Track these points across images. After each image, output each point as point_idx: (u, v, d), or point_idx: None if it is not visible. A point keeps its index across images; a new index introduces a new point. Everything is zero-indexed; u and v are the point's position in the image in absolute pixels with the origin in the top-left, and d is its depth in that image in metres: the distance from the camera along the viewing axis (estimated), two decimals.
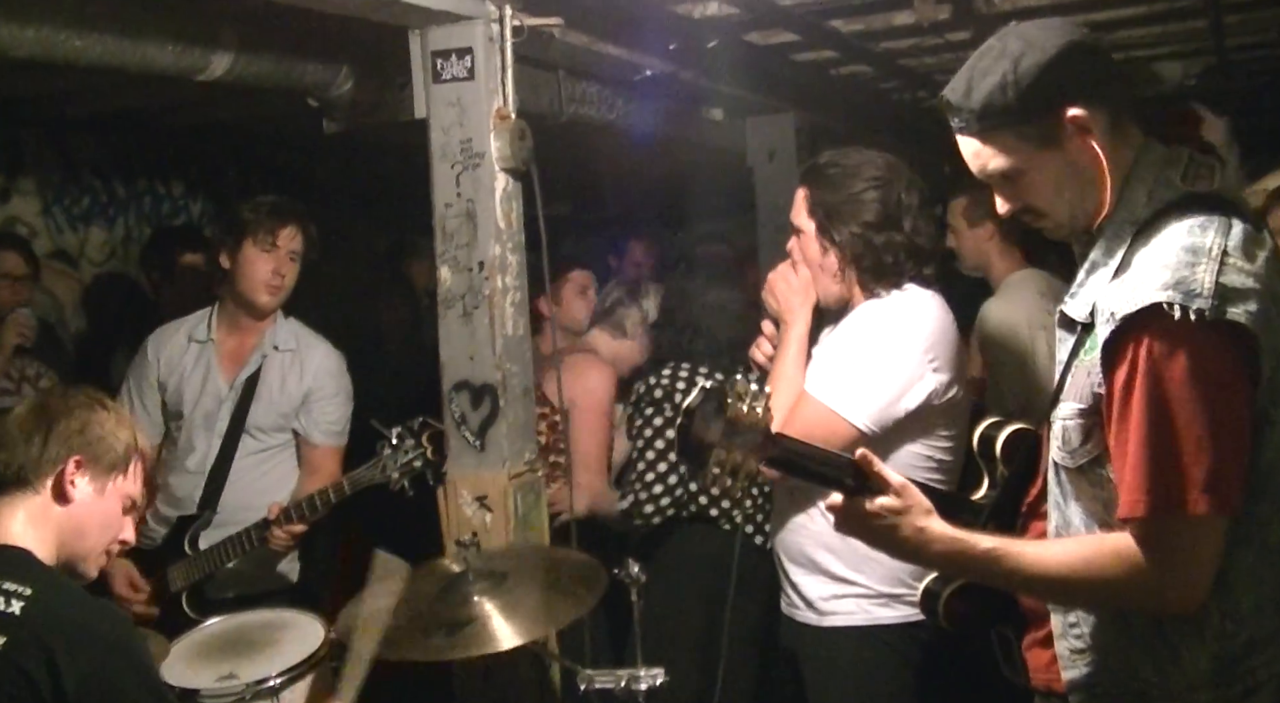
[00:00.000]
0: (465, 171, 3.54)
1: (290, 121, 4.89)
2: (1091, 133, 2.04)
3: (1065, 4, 4.51)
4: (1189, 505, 1.88)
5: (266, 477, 3.99)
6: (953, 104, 2.11)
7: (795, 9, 4.32)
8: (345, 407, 4.09)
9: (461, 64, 3.52)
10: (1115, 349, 1.94)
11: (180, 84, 3.71)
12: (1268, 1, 4.76)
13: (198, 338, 4.06)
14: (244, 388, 3.96)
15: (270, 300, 3.99)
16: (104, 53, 3.28)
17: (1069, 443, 2.08)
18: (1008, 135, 2.07)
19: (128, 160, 6.40)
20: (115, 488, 2.53)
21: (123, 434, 2.54)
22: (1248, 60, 6.12)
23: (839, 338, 3.10)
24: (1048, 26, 2.10)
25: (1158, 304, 1.88)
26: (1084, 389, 2.04)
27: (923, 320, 3.04)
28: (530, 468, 3.62)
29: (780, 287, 3.20)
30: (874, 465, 2.09)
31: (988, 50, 2.10)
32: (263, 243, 3.94)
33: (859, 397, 2.94)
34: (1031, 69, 2.02)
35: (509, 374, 3.56)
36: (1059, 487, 2.16)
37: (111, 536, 2.56)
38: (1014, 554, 2.05)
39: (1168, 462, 1.88)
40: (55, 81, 4.49)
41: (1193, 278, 1.89)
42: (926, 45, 5.12)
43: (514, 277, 3.60)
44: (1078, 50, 2.05)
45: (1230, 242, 1.94)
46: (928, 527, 2.08)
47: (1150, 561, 1.92)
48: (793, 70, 5.50)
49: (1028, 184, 2.11)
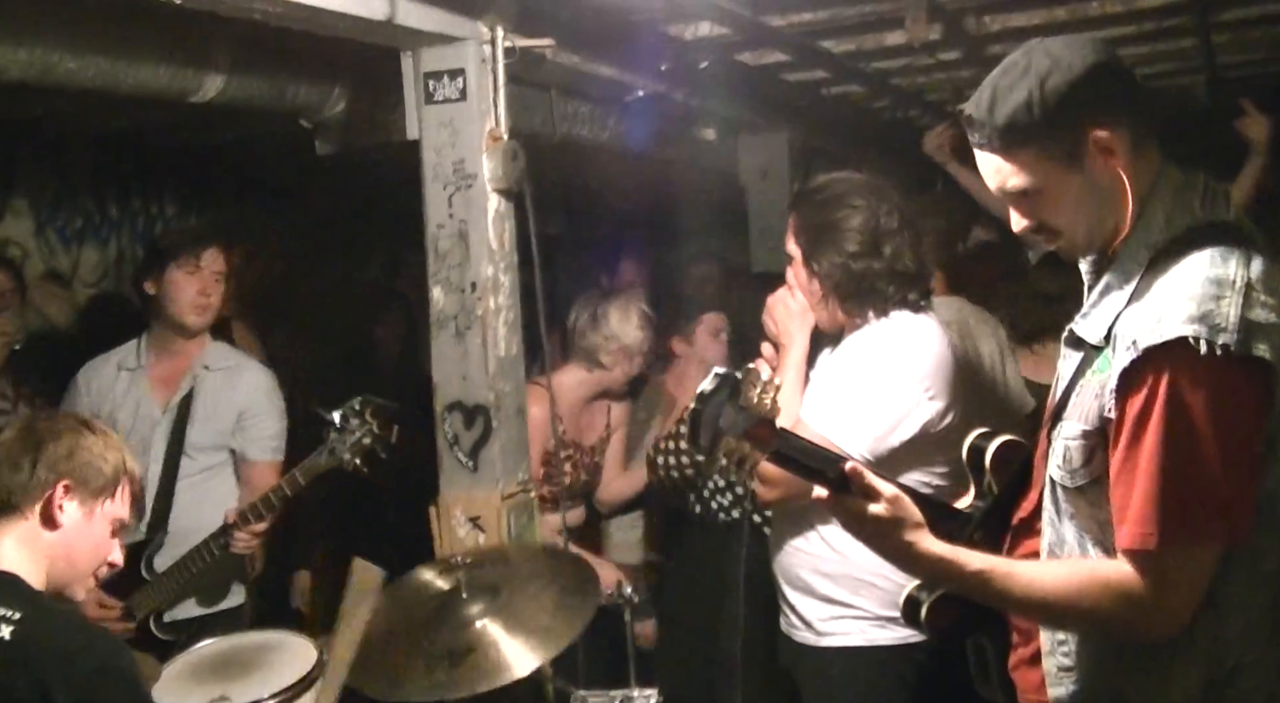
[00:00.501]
0: (458, 192, 3.55)
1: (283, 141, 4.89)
2: (1115, 154, 2.03)
3: (1054, 24, 4.53)
4: (1201, 539, 1.88)
5: (209, 496, 4.02)
6: (975, 119, 2.09)
7: (786, 29, 4.33)
8: (280, 422, 4.15)
9: (454, 85, 3.53)
10: (1133, 378, 1.92)
11: (173, 105, 3.72)
12: (1257, 21, 4.79)
13: (127, 366, 4.11)
14: (179, 410, 4.02)
15: (199, 320, 4.05)
16: (97, 74, 3.29)
17: (1070, 462, 2.07)
18: (1030, 153, 2.05)
19: (121, 181, 6.38)
20: (104, 512, 2.52)
21: (111, 457, 2.53)
22: (1238, 79, 6.14)
23: (834, 366, 3.10)
24: (1074, 44, 2.07)
25: (1183, 338, 1.87)
26: (1091, 411, 2.02)
27: (917, 348, 3.04)
28: (523, 488, 3.62)
29: (779, 311, 3.21)
30: (864, 478, 2.09)
31: (1012, 66, 2.07)
32: (186, 265, 3.99)
33: (854, 427, 2.94)
34: (1058, 87, 2.00)
35: (502, 395, 3.56)
36: (1054, 504, 2.14)
37: (100, 558, 2.55)
38: (1005, 576, 2.04)
39: (1182, 496, 1.87)
40: (48, 102, 4.49)
41: (1218, 312, 1.87)
42: (918, 65, 5.14)
43: (507, 297, 3.61)
44: (1104, 70, 2.03)
45: (1253, 274, 1.92)
46: (918, 541, 2.07)
47: (1147, 592, 1.91)
48: (785, 90, 5.52)
49: (1046, 202, 2.09)
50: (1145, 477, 1.90)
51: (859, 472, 2.09)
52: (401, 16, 3.24)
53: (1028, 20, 4.50)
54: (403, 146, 3.67)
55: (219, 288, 4.08)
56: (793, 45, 4.55)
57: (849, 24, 4.44)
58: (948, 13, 4.24)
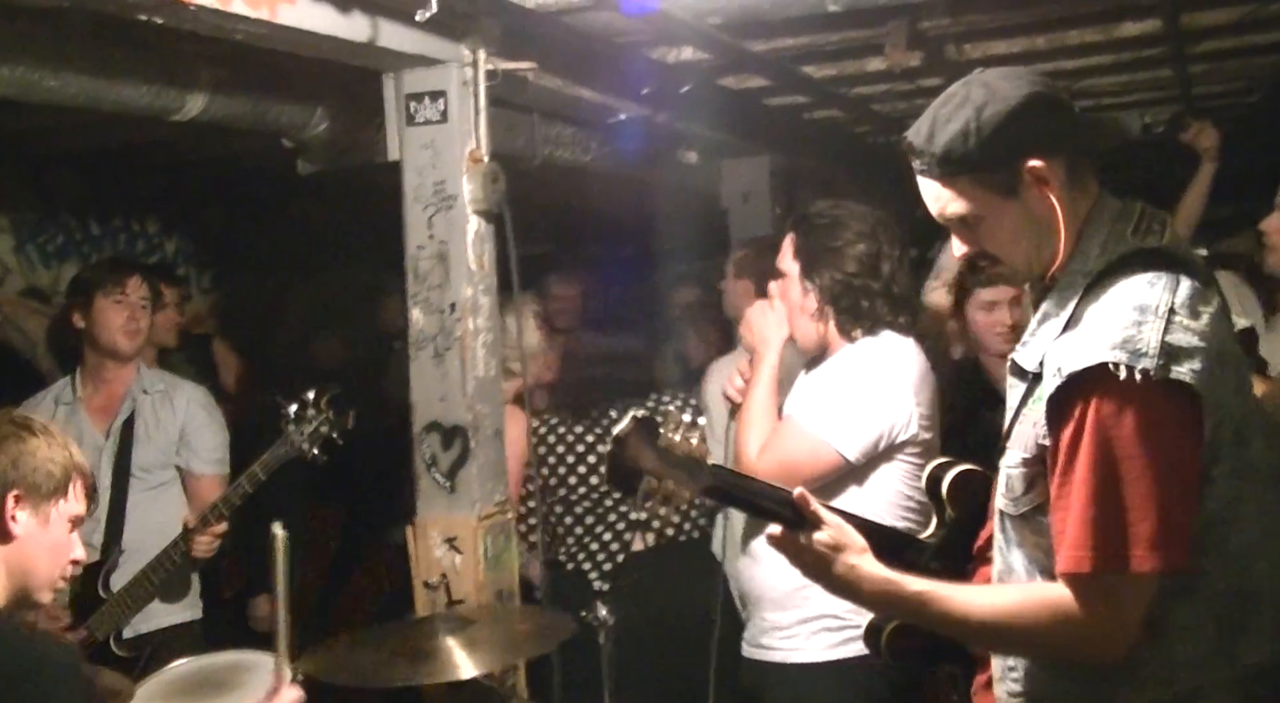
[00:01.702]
0: (438, 213, 3.56)
1: (265, 160, 4.90)
2: (1050, 184, 2.07)
3: (1034, 52, 4.57)
4: (1135, 562, 1.89)
5: (160, 512, 4.10)
6: (915, 147, 2.13)
7: (768, 54, 4.36)
8: (220, 435, 4.27)
9: (435, 107, 3.54)
10: (1061, 405, 1.95)
11: (155, 122, 3.73)
12: (1232, 52, 4.84)
13: (64, 400, 4.20)
14: (121, 433, 4.11)
15: (131, 345, 4.15)
16: (79, 92, 3.29)
17: (1012, 490, 2.10)
18: (967, 181, 2.09)
19: (103, 198, 6.39)
20: (59, 513, 2.45)
21: (58, 456, 2.45)
22: (1214, 108, 6.20)
23: (825, 375, 3.17)
24: (1012, 76, 2.12)
25: (1104, 364, 1.90)
26: (1029, 439, 2.05)
27: (907, 362, 3.14)
28: (501, 509, 3.62)
29: (756, 319, 3.28)
30: (810, 504, 2.12)
31: (951, 96, 2.12)
32: (112, 294, 4.11)
33: (847, 427, 3.02)
34: (993, 119, 2.04)
35: (480, 416, 3.56)
36: (1003, 532, 2.17)
37: (63, 559, 2.48)
38: (942, 598, 2.06)
39: (1114, 519, 1.89)
40: (29, 118, 4.50)
41: (1139, 337, 1.90)
42: (898, 91, 5.17)
43: (486, 318, 3.61)
44: (1040, 102, 2.07)
45: (1178, 299, 1.95)
46: (859, 566, 2.10)
47: (1086, 615, 1.93)
48: (766, 114, 5.55)
49: (985, 230, 2.13)
50: (1079, 502, 1.92)
51: (805, 498, 2.12)
52: (384, 38, 3.25)
53: (1008, 48, 4.54)
54: (384, 167, 3.68)
55: (146, 314, 4.21)
56: (774, 70, 4.57)
57: (830, 50, 4.47)
58: (928, 40, 4.27)
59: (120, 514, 4.04)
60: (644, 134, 4.97)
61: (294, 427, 3.69)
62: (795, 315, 3.22)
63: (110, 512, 4.02)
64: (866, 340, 3.15)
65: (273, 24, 2.92)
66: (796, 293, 3.20)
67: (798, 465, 2.97)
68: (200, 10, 2.73)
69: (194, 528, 3.80)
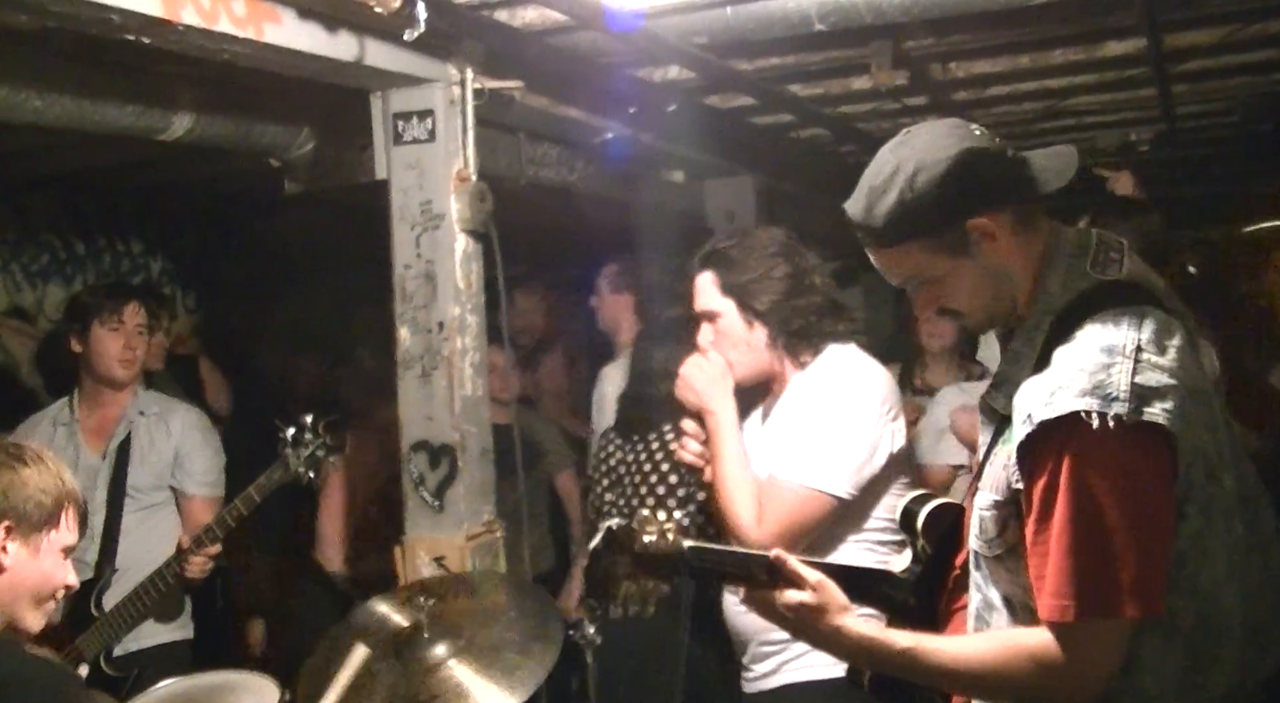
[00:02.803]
0: (425, 233, 3.56)
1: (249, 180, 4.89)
2: (996, 238, 2.06)
3: (1017, 71, 4.60)
4: (1120, 610, 1.89)
5: (153, 533, 4.11)
6: (855, 222, 2.13)
7: (754, 74, 4.38)
8: (215, 458, 4.27)
9: (422, 126, 3.55)
10: (1033, 452, 1.94)
11: (139, 143, 3.73)
12: (1215, 73, 4.87)
13: (61, 421, 4.23)
14: (117, 454, 4.13)
15: (126, 373, 4.17)
16: (63, 113, 3.29)
17: (985, 532, 2.09)
18: (913, 248, 2.09)
19: (86, 218, 6.37)
20: (50, 543, 2.43)
21: (50, 486, 2.43)
22: (1197, 128, 6.24)
23: (790, 415, 3.09)
24: (940, 134, 2.10)
25: (1076, 412, 1.89)
26: (1000, 482, 2.04)
27: (866, 375, 3.08)
28: (488, 528, 3.62)
29: (697, 378, 3.11)
30: (788, 565, 2.12)
31: (882, 166, 2.10)
32: (109, 323, 4.12)
33: (833, 467, 2.95)
34: (926, 186, 2.03)
35: (467, 435, 3.56)
36: (979, 570, 2.16)
37: (54, 587, 2.46)
38: (928, 653, 2.06)
39: (1096, 568, 1.89)
40: (10, 139, 4.49)
41: (1109, 381, 1.89)
42: (884, 110, 5.19)
43: (473, 338, 3.61)
44: (970, 159, 2.04)
45: (1144, 336, 1.93)
46: (843, 625, 2.11)
47: (1068, 662, 1.93)
48: (751, 133, 5.56)
49: (943, 289, 2.13)
50: (1058, 550, 1.91)
51: (783, 559, 2.13)
52: (371, 58, 3.26)
53: (992, 67, 4.57)
54: (370, 187, 3.68)
55: (143, 341, 4.23)
56: (760, 89, 4.59)
57: (815, 69, 4.49)
58: (913, 59, 4.30)
59: (114, 534, 4.04)
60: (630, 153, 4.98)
61: (291, 450, 3.69)
62: (740, 352, 3.11)
63: (105, 532, 4.03)
64: (817, 363, 3.08)
65: (259, 43, 2.93)
66: (739, 329, 3.10)
67: (800, 524, 2.91)
68: (187, 30, 2.73)
69: (188, 549, 3.80)
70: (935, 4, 3.40)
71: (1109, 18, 3.98)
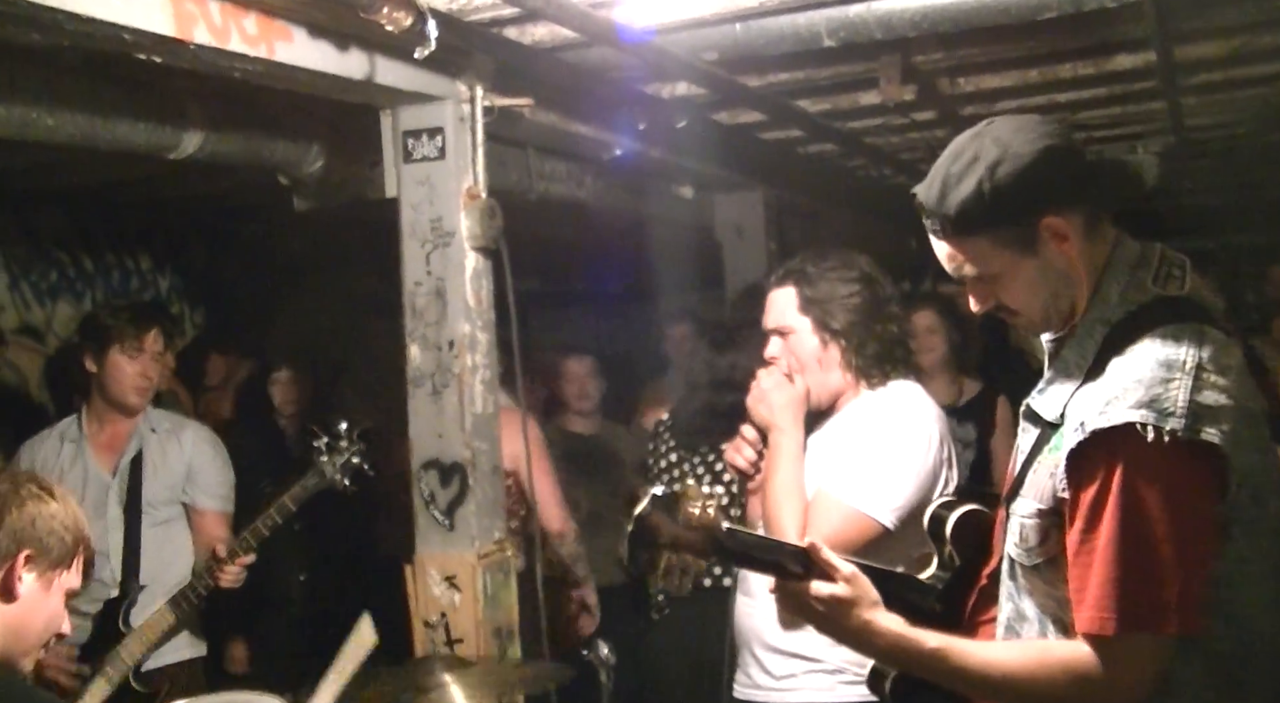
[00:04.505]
0: (435, 250, 3.56)
1: (257, 196, 4.90)
2: (1068, 239, 2.03)
3: (1026, 86, 4.59)
4: (1163, 625, 1.87)
5: (170, 547, 4.10)
6: (926, 207, 2.08)
7: (763, 89, 4.37)
8: (225, 472, 4.25)
9: (432, 143, 3.55)
10: (1084, 461, 1.91)
11: (147, 159, 3.73)
12: (1223, 85, 4.86)
13: (70, 438, 4.18)
14: (129, 470, 4.10)
15: (140, 401, 4.12)
16: (76, 131, 3.30)
17: (1026, 541, 2.06)
18: (982, 241, 2.05)
19: (94, 235, 6.39)
20: (60, 583, 2.42)
21: (72, 526, 2.43)
22: (1206, 140, 6.23)
23: (846, 436, 3.07)
24: (1025, 128, 2.06)
25: (1131, 424, 1.86)
26: (1045, 490, 2.01)
27: (929, 415, 3.07)
28: (500, 547, 3.60)
29: (777, 397, 3.09)
30: (822, 554, 2.09)
31: (961, 153, 2.05)
32: (129, 350, 4.06)
33: (882, 494, 2.93)
34: (1008, 177, 1.99)
35: (478, 452, 3.55)
36: (1013, 580, 2.13)
37: (52, 630, 2.43)
38: (959, 655, 2.03)
39: (1139, 582, 1.87)
40: (17, 155, 4.50)
41: (1166, 396, 1.87)
42: (892, 125, 5.19)
43: (484, 355, 3.61)
44: (1054, 155, 2.01)
45: (1205, 354, 1.91)
46: (874, 620, 2.07)
47: (1105, 676, 1.91)
48: (760, 148, 5.56)
49: (1002, 286, 2.10)
50: (1102, 563, 1.89)
51: (817, 548, 2.09)
52: (381, 75, 3.25)
53: (1000, 82, 4.56)
54: (379, 204, 3.68)
55: (158, 367, 4.19)
56: (768, 105, 4.59)
57: (824, 84, 4.49)
58: (922, 74, 4.29)
59: (135, 550, 4.02)
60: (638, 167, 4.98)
61: (326, 458, 3.70)
62: (812, 371, 3.10)
63: (125, 549, 4.01)
64: (882, 392, 3.08)
65: (271, 62, 2.93)
66: (812, 347, 3.09)
67: (842, 542, 2.79)
68: (200, 49, 2.73)
69: (223, 559, 3.78)
70: (945, 18, 3.39)
71: (1119, 31, 3.97)
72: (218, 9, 2.76)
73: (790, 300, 3.13)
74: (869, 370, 3.08)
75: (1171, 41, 4.05)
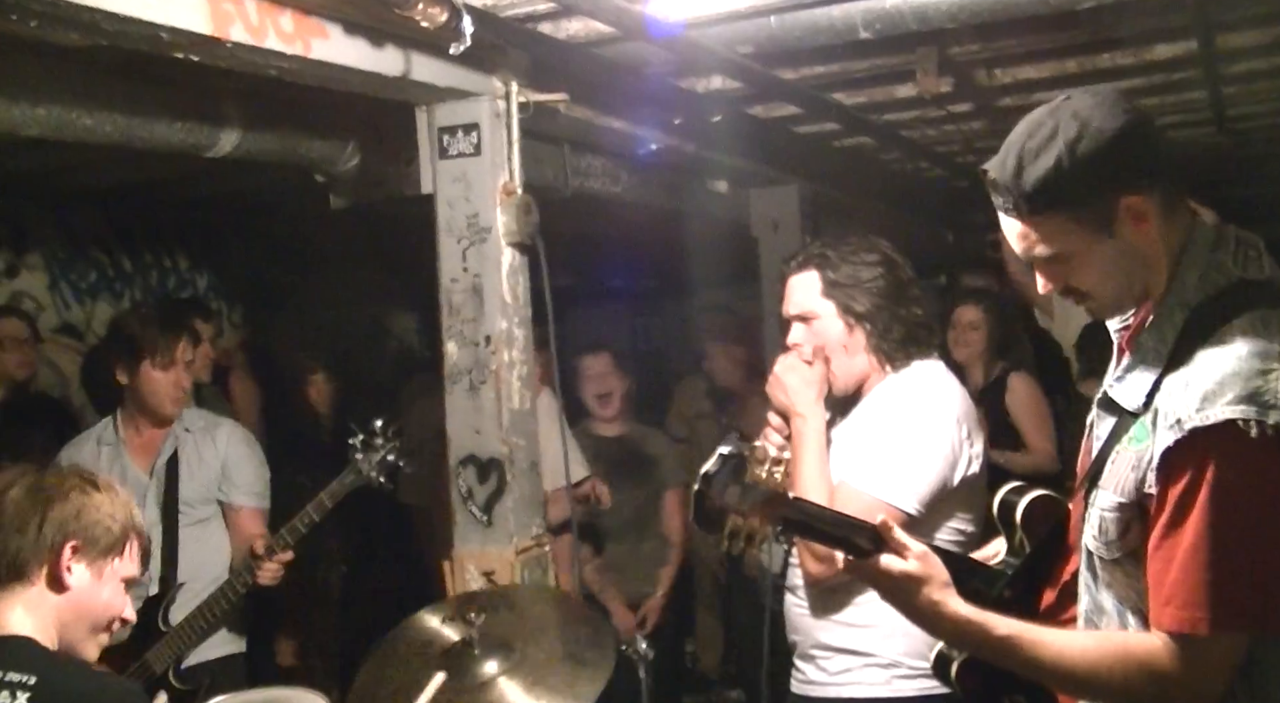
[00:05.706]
0: (471, 246, 3.56)
1: (294, 193, 4.92)
2: (1147, 219, 1.95)
3: (1064, 76, 4.54)
4: (1250, 624, 1.83)
5: (206, 545, 4.12)
6: (998, 184, 1.99)
7: (798, 83, 4.35)
8: (261, 469, 4.26)
9: (468, 140, 3.55)
10: (1178, 458, 1.85)
11: (184, 158, 3.75)
12: (1265, 74, 4.80)
13: (106, 441, 4.20)
14: (166, 470, 4.12)
15: (175, 409, 4.13)
16: (113, 131, 3.31)
17: (1105, 534, 2.00)
18: (1058, 220, 1.96)
19: (132, 234, 6.43)
20: (113, 570, 2.47)
21: (119, 515, 2.48)
22: (1248, 130, 6.17)
23: (868, 422, 3.04)
24: (1103, 104, 1.96)
25: (1232, 421, 1.80)
26: (1127, 482, 1.95)
27: (949, 395, 3.04)
28: (537, 542, 3.60)
29: (792, 380, 3.05)
30: (893, 532, 2.05)
31: (1038, 127, 1.96)
32: (161, 363, 4.04)
33: (904, 481, 2.90)
34: (1088, 154, 1.90)
35: (515, 448, 3.55)
36: (1091, 572, 2.08)
37: (112, 616, 2.50)
38: (1033, 643, 1.98)
39: (1232, 581, 1.81)
40: (56, 156, 4.53)
41: (1266, 388, 1.80)
42: (928, 117, 5.16)
43: (520, 351, 3.60)
44: (1135, 133, 1.93)
45: None
46: (944, 601, 2.03)
47: (1186, 674, 1.86)
48: (796, 142, 5.54)
49: (1075, 267, 2.01)
50: (1190, 560, 1.83)
51: (889, 526, 2.04)
52: (416, 72, 3.26)
53: (1038, 73, 4.52)
54: (414, 200, 3.69)
55: (189, 373, 4.20)
56: (804, 98, 4.56)
57: (860, 77, 4.46)
58: (958, 65, 4.26)
59: (173, 549, 4.05)
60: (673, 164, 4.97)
61: (362, 455, 3.70)
62: (837, 356, 3.06)
63: (164, 547, 4.04)
64: (904, 374, 3.05)
65: (307, 59, 2.93)
66: (837, 331, 3.06)
67: None
68: (236, 47, 2.75)
69: (262, 556, 3.81)
70: (982, 9, 3.36)
71: (1159, 19, 3.93)
72: (254, 7, 2.77)
73: (813, 285, 3.09)
74: (893, 354, 3.05)
75: (1212, 30, 4.00)
